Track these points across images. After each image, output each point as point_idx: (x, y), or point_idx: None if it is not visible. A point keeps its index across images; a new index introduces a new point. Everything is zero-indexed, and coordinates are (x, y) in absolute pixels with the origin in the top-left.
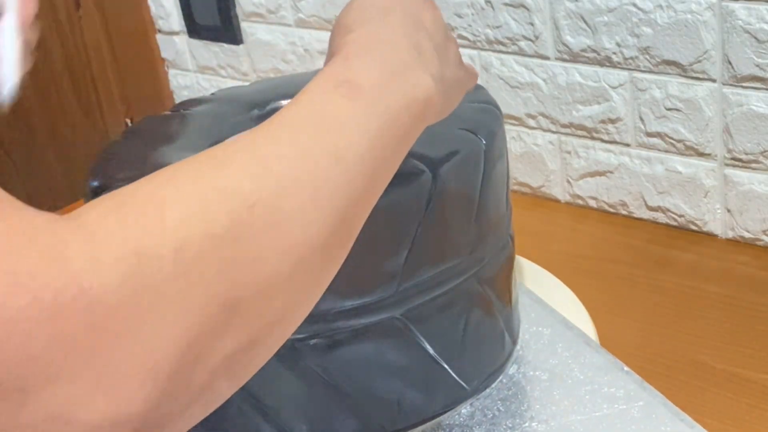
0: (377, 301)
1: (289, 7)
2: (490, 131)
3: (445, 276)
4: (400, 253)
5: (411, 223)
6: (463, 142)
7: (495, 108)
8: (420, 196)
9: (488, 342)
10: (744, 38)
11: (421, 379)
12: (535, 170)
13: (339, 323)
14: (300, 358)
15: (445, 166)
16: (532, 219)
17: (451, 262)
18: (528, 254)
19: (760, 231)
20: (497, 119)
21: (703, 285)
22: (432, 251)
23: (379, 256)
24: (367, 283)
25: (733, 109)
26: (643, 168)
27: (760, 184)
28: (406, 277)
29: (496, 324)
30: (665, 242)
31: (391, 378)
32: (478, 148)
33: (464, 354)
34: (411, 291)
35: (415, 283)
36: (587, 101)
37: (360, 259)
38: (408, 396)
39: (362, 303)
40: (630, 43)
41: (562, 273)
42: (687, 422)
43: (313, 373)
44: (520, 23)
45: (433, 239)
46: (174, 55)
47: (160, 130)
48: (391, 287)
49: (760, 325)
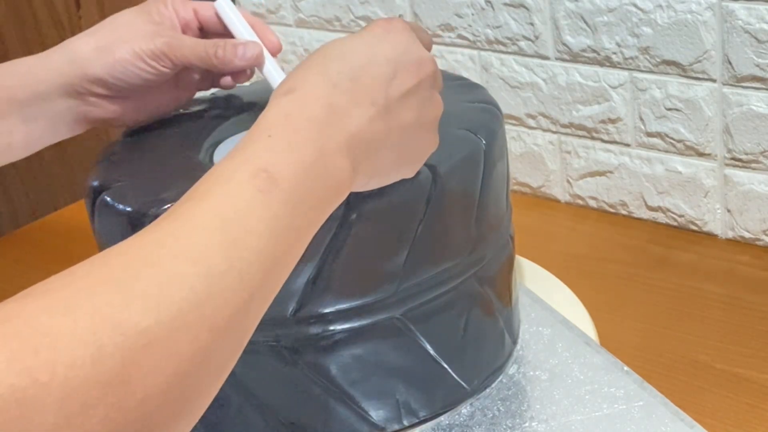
0: (377, 301)
1: (289, 7)
2: (490, 131)
3: (444, 276)
4: (400, 253)
5: (411, 223)
6: (464, 143)
7: (495, 108)
8: (420, 197)
9: (488, 342)
10: (744, 38)
11: (421, 379)
12: (535, 170)
13: (338, 324)
14: (300, 358)
15: (445, 167)
16: (532, 219)
17: (451, 262)
18: (528, 254)
19: (760, 231)
20: (497, 119)
21: (703, 285)
22: (432, 251)
23: (379, 257)
24: (367, 284)
25: (733, 109)
26: (643, 168)
27: (760, 184)
28: (405, 277)
29: (496, 324)
30: (665, 242)
31: (391, 378)
32: (479, 148)
33: (464, 354)
34: (411, 291)
35: (414, 283)
36: (587, 101)
37: (360, 260)
38: (408, 396)
39: (362, 303)
40: (630, 43)
41: (562, 273)
42: (687, 422)
43: (313, 374)
44: (520, 23)
45: (433, 239)
46: None
47: (159, 130)
48: (392, 287)
49: (760, 325)
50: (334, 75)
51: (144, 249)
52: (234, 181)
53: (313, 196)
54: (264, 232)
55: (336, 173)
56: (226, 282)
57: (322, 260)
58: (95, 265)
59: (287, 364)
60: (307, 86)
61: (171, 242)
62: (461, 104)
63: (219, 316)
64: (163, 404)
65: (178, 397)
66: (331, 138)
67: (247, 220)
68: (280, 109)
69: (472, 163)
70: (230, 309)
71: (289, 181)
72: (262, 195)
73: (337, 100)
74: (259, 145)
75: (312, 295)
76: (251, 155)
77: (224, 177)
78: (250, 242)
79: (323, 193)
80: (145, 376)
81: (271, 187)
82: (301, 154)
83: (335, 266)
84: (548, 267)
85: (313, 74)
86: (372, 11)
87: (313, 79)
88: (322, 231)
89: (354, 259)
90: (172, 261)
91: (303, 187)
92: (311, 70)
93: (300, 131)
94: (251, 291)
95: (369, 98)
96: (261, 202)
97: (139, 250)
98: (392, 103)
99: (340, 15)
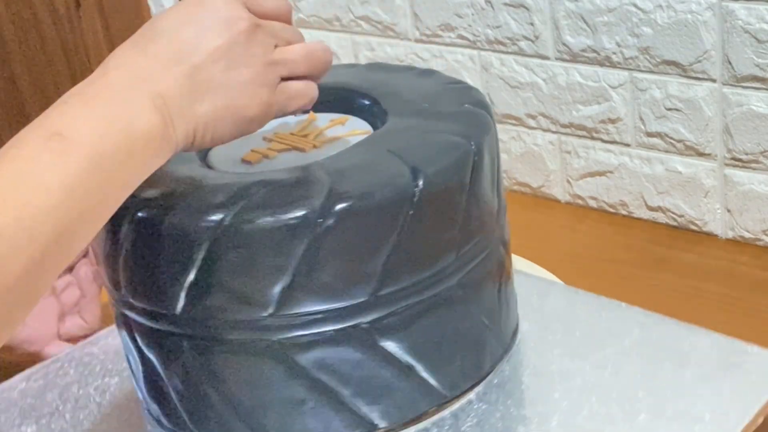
0: (439, 271)
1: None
2: (478, 135)
3: (484, 243)
4: (455, 225)
5: (392, 226)
6: (451, 146)
7: (485, 111)
8: (404, 200)
9: (512, 301)
10: (744, 38)
11: (474, 343)
12: (535, 170)
13: (411, 299)
14: (376, 338)
15: (431, 170)
16: (532, 219)
17: (435, 267)
18: (528, 254)
19: (760, 231)
20: (488, 123)
21: (703, 285)
22: (415, 256)
23: (441, 230)
24: (432, 257)
25: (733, 109)
26: (643, 168)
27: (760, 184)
28: (461, 247)
29: (513, 284)
30: (665, 242)
31: (453, 346)
32: (466, 152)
33: (501, 314)
34: (463, 260)
35: (466, 251)
36: (587, 101)
37: (427, 235)
38: (466, 361)
39: (429, 275)
40: (630, 43)
41: (561, 273)
42: (703, 332)
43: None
44: (520, 23)
45: (416, 243)
46: None
47: None
48: (450, 257)
49: (760, 325)
50: (142, 43)
51: None
52: (29, 145)
53: (115, 150)
54: (57, 190)
55: (140, 126)
56: (16, 242)
57: (398, 240)
58: None
59: (280, 366)
60: (116, 58)
61: None
62: (452, 107)
63: (9, 274)
64: None
65: None
66: (135, 98)
67: (40, 180)
68: (83, 81)
69: (458, 167)
70: (20, 267)
71: (86, 141)
72: (56, 156)
73: (140, 65)
74: (56, 111)
75: (389, 275)
76: (46, 121)
77: (20, 141)
78: (42, 201)
79: (129, 146)
80: None
81: (66, 147)
82: (98, 115)
83: (408, 244)
84: (548, 267)
85: (124, 47)
86: (372, 11)
87: (122, 52)
88: (300, 231)
89: (423, 234)
90: None
91: (104, 145)
92: (124, 44)
93: (97, 95)
94: (42, 249)
95: (174, 59)
96: (55, 162)
97: None
98: (199, 62)
99: (340, 15)
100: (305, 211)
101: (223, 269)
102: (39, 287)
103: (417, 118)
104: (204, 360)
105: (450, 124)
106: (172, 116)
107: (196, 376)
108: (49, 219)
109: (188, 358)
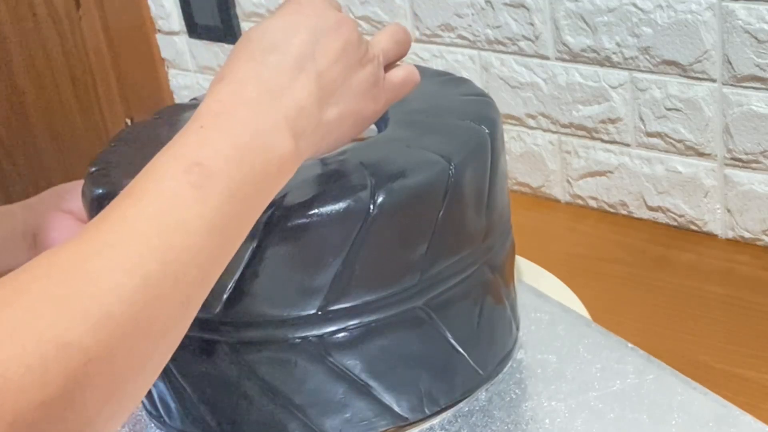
0: (401, 291)
1: None
2: (491, 121)
3: (462, 264)
4: (421, 244)
5: (431, 213)
6: (470, 133)
7: (488, 98)
8: (438, 188)
9: (499, 327)
10: (744, 38)
11: (442, 367)
12: (535, 170)
13: (364, 317)
14: (327, 353)
15: (459, 157)
16: (532, 219)
17: (466, 251)
18: (528, 254)
19: (760, 231)
20: (494, 108)
21: (703, 285)
22: (450, 240)
23: (402, 249)
24: (390, 275)
25: (733, 109)
26: (643, 168)
27: (760, 184)
28: (427, 268)
29: (504, 310)
30: (665, 242)
31: (414, 368)
32: (485, 137)
33: (479, 340)
34: (432, 281)
35: (435, 273)
36: (587, 101)
37: (383, 253)
38: (430, 385)
39: (386, 294)
40: (630, 43)
41: (561, 273)
42: (699, 390)
43: (339, 368)
44: (520, 23)
45: (451, 229)
46: (174, 55)
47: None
48: (414, 278)
49: (760, 325)
50: (259, 55)
51: (83, 260)
52: (167, 179)
53: (253, 177)
54: (200, 229)
55: (277, 149)
56: (162, 289)
57: (348, 256)
58: (37, 277)
59: (314, 361)
60: (236, 72)
61: (108, 252)
62: (455, 97)
63: (155, 322)
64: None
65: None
66: (268, 116)
67: (183, 219)
68: (212, 98)
69: (481, 152)
70: (166, 314)
71: (224, 170)
72: (197, 190)
73: (266, 78)
74: (192, 138)
75: (338, 291)
76: (183, 149)
77: (158, 174)
78: (187, 242)
79: (264, 171)
80: (84, 391)
81: (205, 180)
82: (234, 138)
83: (360, 260)
84: (548, 267)
85: (240, 60)
86: (372, 11)
87: (240, 65)
88: (346, 226)
89: (378, 252)
90: (109, 274)
91: (240, 171)
92: (237, 56)
93: (233, 117)
94: (188, 292)
95: (297, 68)
96: (196, 198)
97: (79, 261)
98: (321, 67)
99: None
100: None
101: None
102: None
103: (409, 129)
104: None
105: (438, 139)
106: (304, 130)
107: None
108: (194, 261)
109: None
